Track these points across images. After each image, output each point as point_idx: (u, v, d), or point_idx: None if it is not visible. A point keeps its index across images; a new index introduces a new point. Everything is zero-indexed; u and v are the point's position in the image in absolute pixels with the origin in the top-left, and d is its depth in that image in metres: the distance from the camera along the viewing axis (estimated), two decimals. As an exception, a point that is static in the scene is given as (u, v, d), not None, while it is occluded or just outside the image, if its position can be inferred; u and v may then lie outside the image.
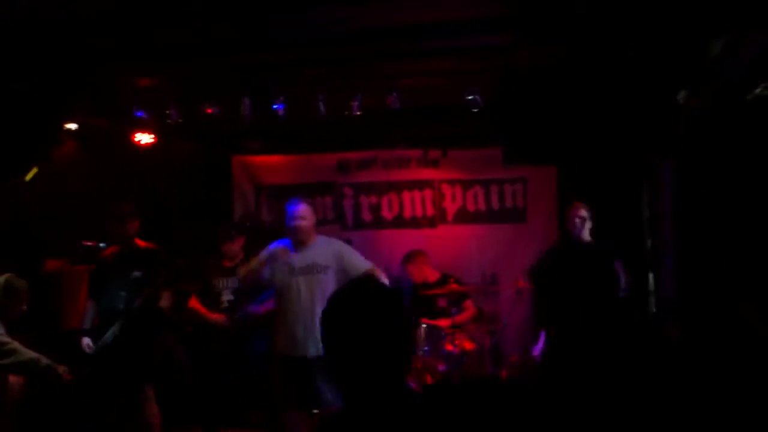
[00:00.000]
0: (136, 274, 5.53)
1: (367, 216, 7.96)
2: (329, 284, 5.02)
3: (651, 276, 6.10)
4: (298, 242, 5.17)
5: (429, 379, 5.73)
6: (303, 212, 5.18)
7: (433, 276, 6.76)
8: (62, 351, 5.55)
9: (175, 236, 7.04)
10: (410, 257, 6.86)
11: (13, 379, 4.62)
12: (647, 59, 4.80)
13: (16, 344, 4.56)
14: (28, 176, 5.02)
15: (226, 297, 6.10)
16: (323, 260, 5.11)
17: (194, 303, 6.15)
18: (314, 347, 4.86)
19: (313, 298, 5.03)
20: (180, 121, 6.36)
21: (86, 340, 5.44)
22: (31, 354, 4.59)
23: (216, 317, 6.01)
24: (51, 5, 4.38)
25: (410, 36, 5.04)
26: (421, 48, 5.32)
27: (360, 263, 5.22)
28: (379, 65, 5.75)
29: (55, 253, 5.65)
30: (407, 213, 7.87)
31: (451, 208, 7.80)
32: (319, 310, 4.52)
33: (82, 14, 4.51)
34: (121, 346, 5.40)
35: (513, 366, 6.21)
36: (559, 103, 5.75)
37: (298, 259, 5.14)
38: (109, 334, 5.38)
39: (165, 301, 5.60)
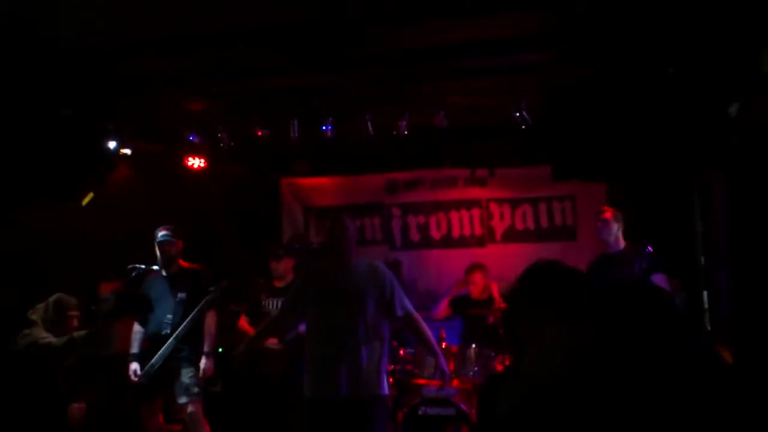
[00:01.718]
0: (181, 296, 5.55)
1: (415, 236, 7.96)
2: (370, 315, 4.25)
3: (705, 293, 5.97)
4: (335, 261, 4.38)
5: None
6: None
7: (484, 294, 6.73)
8: (114, 373, 5.66)
9: (226, 259, 7.13)
10: (477, 267, 6.79)
11: (75, 405, 4.71)
12: (697, 72, 4.73)
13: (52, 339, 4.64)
14: (85, 201, 5.12)
15: (277, 319, 6.12)
16: (363, 287, 4.28)
17: (243, 324, 6.20)
18: (351, 387, 4.16)
19: (353, 329, 4.21)
20: (231, 144, 6.46)
21: (134, 366, 5.47)
22: (64, 339, 4.65)
23: (268, 342, 6.04)
24: (102, 31, 4.51)
25: (455, 55, 5.07)
26: (467, 67, 5.33)
27: (405, 303, 4.39)
28: (426, 85, 5.78)
29: (110, 276, 5.75)
30: (455, 232, 7.84)
31: (499, 227, 7.76)
32: (361, 344, 4.21)
33: (132, 39, 4.63)
34: (167, 369, 5.44)
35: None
36: (608, 118, 5.70)
37: (335, 282, 4.32)
38: (157, 358, 5.42)
39: (210, 322, 5.60)
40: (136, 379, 5.43)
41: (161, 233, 5.57)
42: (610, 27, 4.59)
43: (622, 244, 5.58)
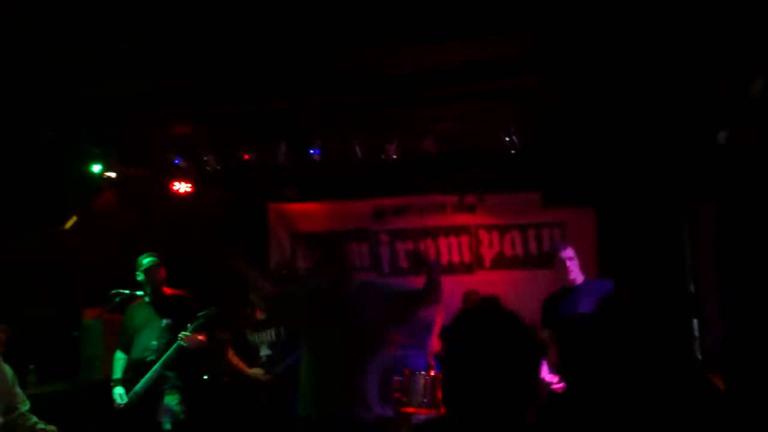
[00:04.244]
0: (166, 321, 5.45)
1: (403, 262, 7.88)
2: (369, 334, 4.20)
3: (695, 321, 5.93)
4: (336, 283, 4.34)
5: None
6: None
7: None
8: (98, 399, 5.55)
9: (212, 285, 7.04)
10: (474, 294, 6.68)
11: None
12: (686, 99, 4.74)
13: None
14: (68, 224, 5.06)
15: (264, 352, 6.02)
16: (362, 304, 4.25)
17: (232, 357, 6.10)
18: (350, 408, 4.07)
19: (351, 349, 4.16)
20: (218, 168, 6.41)
21: (118, 391, 5.39)
22: None
23: (255, 372, 5.94)
24: (85, 55, 4.47)
25: (444, 79, 5.06)
26: (455, 91, 5.32)
27: (404, 288, 4.65)
28: (414, 109, 5.76)
29: (94, 301, 5.65)
30: (444, 259, 7.78)
31: (488, 253, 7.71)
32: (360, 365, 4.14)
33: (118, 62, 4.59)
34: (151, 396, 5.34)
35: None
36: (597, 144, 5.70)
37: (336, 302, 4.28)
38: (141, 385, 5.32)
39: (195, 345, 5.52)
40: (119, 401, 5.34)
41: (147, 259, 5.51)
42: (598, 51, 4.59)
43: (581, 278, 5.36)
